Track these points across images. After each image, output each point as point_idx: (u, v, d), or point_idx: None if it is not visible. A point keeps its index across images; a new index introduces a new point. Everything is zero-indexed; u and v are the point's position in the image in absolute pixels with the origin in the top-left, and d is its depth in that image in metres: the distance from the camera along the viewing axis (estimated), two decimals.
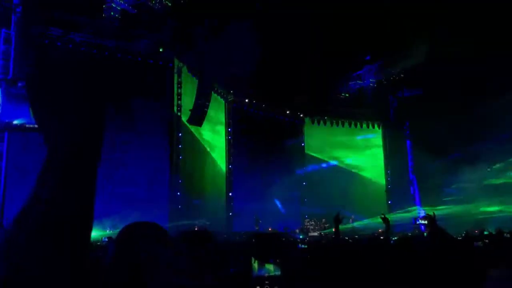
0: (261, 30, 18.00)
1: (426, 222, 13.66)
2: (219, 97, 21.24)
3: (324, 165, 25.08)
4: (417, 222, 18.91)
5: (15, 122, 13.46)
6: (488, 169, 22.07)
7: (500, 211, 21.01)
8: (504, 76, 19.60)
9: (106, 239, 10.53)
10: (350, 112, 26.01)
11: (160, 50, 17.26)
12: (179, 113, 18.12)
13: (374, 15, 19.53)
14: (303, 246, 7.48)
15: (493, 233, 12.36)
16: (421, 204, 23.08)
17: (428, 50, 22.81)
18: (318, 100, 25.00)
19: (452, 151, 22.00)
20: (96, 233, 12.85)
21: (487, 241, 8.03)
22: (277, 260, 2.11)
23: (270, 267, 1.98)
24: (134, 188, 15.42)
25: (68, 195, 1.00)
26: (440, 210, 20.52)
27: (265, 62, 19.91)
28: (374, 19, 19.77)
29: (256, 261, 2.03)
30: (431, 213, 4.06)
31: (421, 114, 22.63)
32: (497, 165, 22.26)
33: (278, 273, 2.14)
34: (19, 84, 13.37)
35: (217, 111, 20.88)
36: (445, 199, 22.17)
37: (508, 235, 9.27)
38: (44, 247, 0.95)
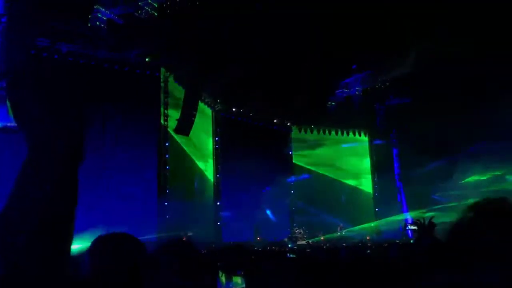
0: (247, 39, 18.10)
1: (415, 228, 13.63)
2: (206, 106, 21.26)
3: (311, 173, 25.15)
4: (407, 228, 18.84)
5: None
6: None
7: None
8: (497, 79, 19.39)
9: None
10: (337, 121, 26.16)
11: (147, 59, 17.27)
12: (166, 123, 18.10)
13: (365, 17, 19.59)
14: (291, 255, 7.44)
15: None
16: (408, 211, 23.18)
17: (417, 57, 22.97)
18: (305, 108, 25.12)
19: (440, 157, 22.05)
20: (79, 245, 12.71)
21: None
22: (243, 273, 2.13)
23: (237, 279, 2.00)
24: (120, 198, 15.29)
25: (63, 195, 1.02)
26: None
27: (252, 71, 19.98)
28: (365, 21, 19.82)
29: (223, 274, 2.06)
30: (419, 219, 4.08)
31: (408, 121, 22.78)
32: (495, 171, 21.91)
33: (244, 285, 2.17)
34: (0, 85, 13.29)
35: (204, 120, 20.88)
36: (433, 207, 22.22)
37: None
38: (44, 247, 0.97)
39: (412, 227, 15.52)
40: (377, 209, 24.44)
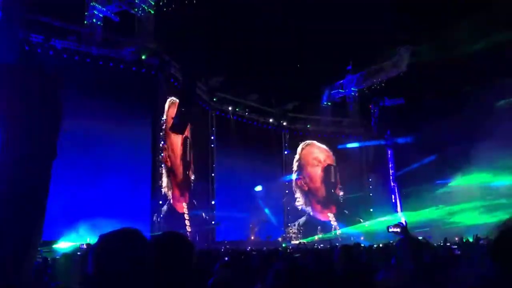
0: (245, 38, 18.10)
1: (398, 230, 13.61)
2: (202, 104, 21.16)
3: (306, 173, 25.15)
4: (389, 230, 18.90)
5: None
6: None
7: (484, 218, 20.86)
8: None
9: (84, 246, 10.39)
10: (332, 121, 26.20)
11: (143, 57, 17.17)
12: (161, 121, 18.02)
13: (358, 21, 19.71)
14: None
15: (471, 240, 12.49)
16: (402, 211, 23.22)
17: (409, 59, 23.12)
18: (301, 109, 25.19)
19: (434, 158, 22.11)
20: (73, 241, 12.64)
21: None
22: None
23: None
24: (114, 196, 15.17)
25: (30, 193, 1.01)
26: (421, 217, 20.66)
27: (250, 70, 20.00)
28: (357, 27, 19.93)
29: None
30: (403, 221, 4.05)
31: (402, 122, 22.85)
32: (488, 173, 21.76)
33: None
34: None
35: (200, 119, 20.78)
36: (427, 207, 22.26)
37: (485, 242, 9.37)
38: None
39: (394, 230, 15.38)
40: (371, 210, 24.47)
